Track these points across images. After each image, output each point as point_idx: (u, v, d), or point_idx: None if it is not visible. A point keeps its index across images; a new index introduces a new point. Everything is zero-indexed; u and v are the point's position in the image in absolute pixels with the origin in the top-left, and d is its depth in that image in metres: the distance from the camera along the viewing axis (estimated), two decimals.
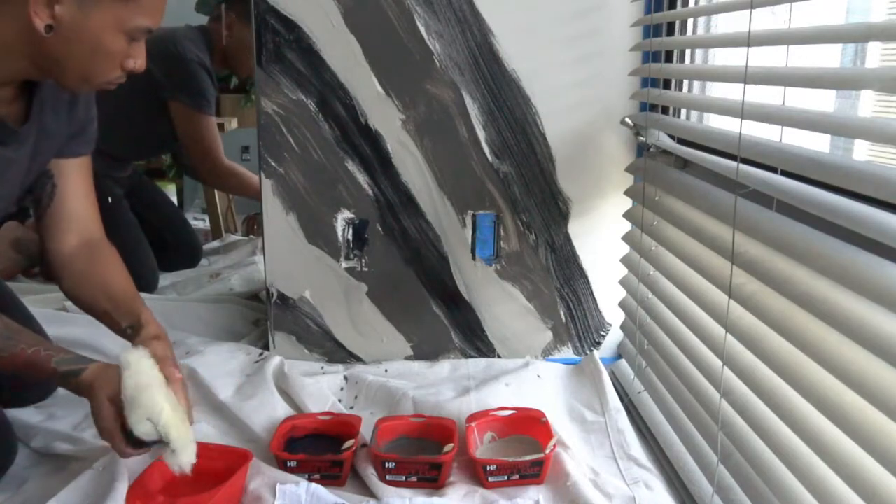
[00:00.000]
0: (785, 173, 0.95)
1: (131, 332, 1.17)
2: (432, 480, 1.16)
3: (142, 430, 1.00)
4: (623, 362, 1.58)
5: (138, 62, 1.08)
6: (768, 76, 0.95)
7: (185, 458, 1.03)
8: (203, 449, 1.19)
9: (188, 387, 1.16)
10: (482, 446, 1.25)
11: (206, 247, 2.52)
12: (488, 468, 1.15)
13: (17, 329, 1.08)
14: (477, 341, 1.60)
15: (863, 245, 0.80)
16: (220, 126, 2.93)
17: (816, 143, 1.03)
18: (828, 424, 0.82)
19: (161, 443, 1.02)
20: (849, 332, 0.78)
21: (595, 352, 1.58)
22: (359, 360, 1.59)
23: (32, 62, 1.03)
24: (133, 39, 1.06)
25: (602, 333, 1.62)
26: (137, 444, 1.02)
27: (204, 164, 2.16)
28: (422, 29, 1.43)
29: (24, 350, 1.04)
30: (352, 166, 1.50)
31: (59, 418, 1.32)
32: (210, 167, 2.16)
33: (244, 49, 2.09)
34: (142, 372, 1.02)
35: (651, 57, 1.41)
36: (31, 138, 1.13)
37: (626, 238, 1.50)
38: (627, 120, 1.46)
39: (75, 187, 1.24)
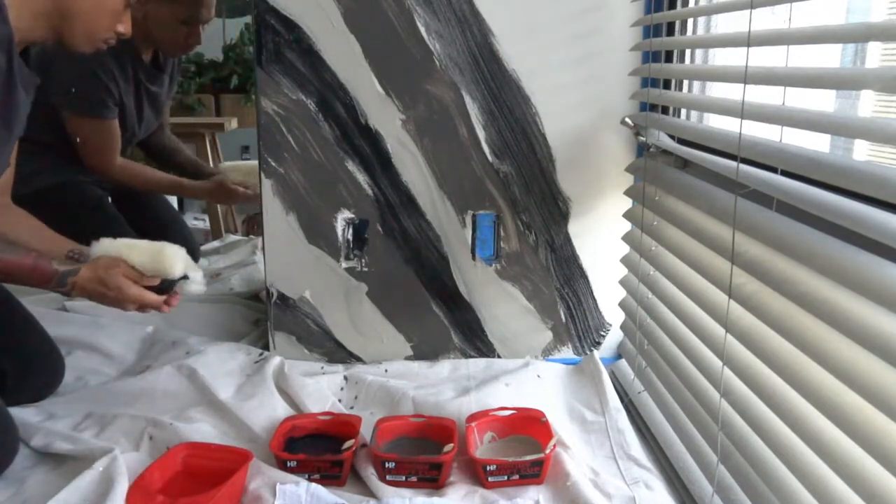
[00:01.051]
0: (785, 173, 0.95)
1: (76, 256, 1.28)
2: (432, 480, 1.16)
3: (178, 270, 1.24)
4: (623, 362, 1.59)
5: (126, 27, 1.25)
6: (768, 76, 0.95)
7: (200, 278, 1.30)
8: (203, 449, 1.19)
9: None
10: (482, 446, 1.25)
11: (206, 247, 2.52)
12: (488, 468, 1.15)
13: (13, 240, 1.21)
14: (477, 341, 1.60)
15: (863, 245, 0.80)
16: (220, 126, 2.94)
17: (816, 143, 1.02)
18: (828, 424, 0.82)
19: (179, 281, 1.26)
20: (849, 332, 0.78)
21: (595, 352, 1.58)
22: (359, 360, 1.59)
23: (49, 21, 1.18)
24: (128, 4, 1.23)
25: (602, 333, 1.62)
26: (161, 292, 1.25)
27: (94, 165, 1.99)
28: (422, 29, 1.43)
29: (28, 255, 1.18)
30: (352, 166, 1.50)
31: (59, 418, 1.32)
32: (101, 168, 1.99)
33: (164, 28, 1.91)
34: (135, 242, 1.26)
35: (651, 57, 1.41)
36: (33, 94, 1.25)
37: (626, 238, 1.50)
38: (627, 120, 1.46)
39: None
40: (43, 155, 1.91)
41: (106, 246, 1.26)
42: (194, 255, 2.30)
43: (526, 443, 1.25)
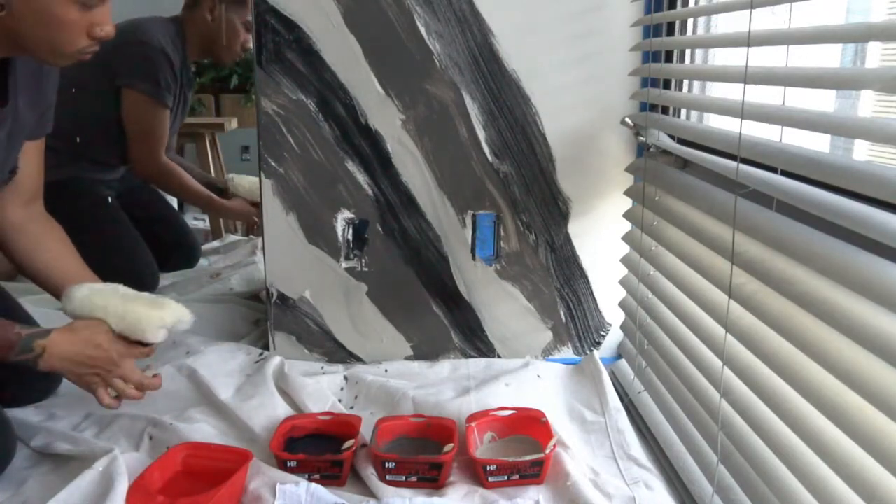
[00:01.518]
0: (785, 173, 0.95)
1: None
2: (432, 480, 1.16)
3: (160, 336, 1.22)
4: (623, 362, 1.59)
5: (105, 28, 1.10)
6: (768, 76, 0.95)
7: (188, 317, 1.26)
8: (203, 449, 1.19)
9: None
10: (482, 446, 1.25)
11: (206, 247, 2.52)
12: (488, 468, 1.15)
13: None
14: (477, 341, 1.60)
15: (863, 245, 0.80)
16: (220, 126, 2.94)
17: (816, 143, 1.03)
18: (828, 424, 0.82)
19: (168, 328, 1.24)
20: (849, 332, 0.78)
21: (595, 352, 1.58)
22: (359, 360, 1.59)
23: (6, 39, 1.07)
24: (86, 5, 1.07)
25: (602, 333, 1.62)
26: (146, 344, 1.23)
27: (141, 155, 2.05)
28: (422, 29, 1.43)
29: None
30: (352, 166, 1.50)
31: (59, 418, 1.32)
32: (147, 159, 2.06)
33: (229, 34, 2.04)
34: (111, 302, 1.21)
35: (651, 57, 1.41)
36: (9, 119, 1.16)
37: (626, 238, 1.50)
38: (627, 120, 1.46)
39: (31, 162, 1.30)
40: (48, 150, 1.92)
41: (82, 298, 1.21)
42: (195, 254, 2.32)
43: (526, 443, 1.25)
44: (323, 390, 1.41)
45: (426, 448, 1.22)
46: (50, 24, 1.05)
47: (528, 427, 1.27)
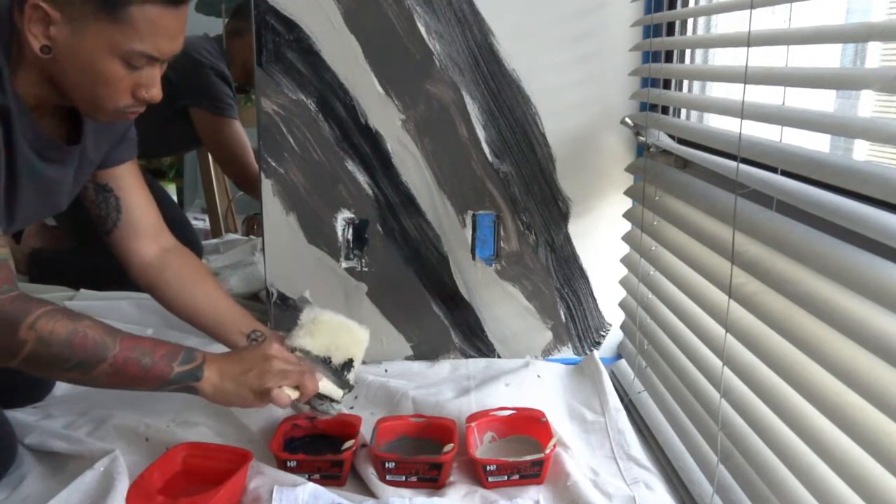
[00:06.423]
0: (785, 173, 0.95)
1: (257, 338, 1.24)
2: (432, 480, 1.16)
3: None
4: (623, 362, 1.59)
5: (151, 92, 1.05)
6: (768, 76, 0.95)
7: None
8: (203, 449, 1.19)
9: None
10: (482, 446, 1.25)
11: (206, 245, 2.52)
12: (488, 468, 1.15)
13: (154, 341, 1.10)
14: (477, 341, 1.60)
15: (863, 245, 0.80)
16: None
17: (816, 143, 1.02)
18: (828, 424, 0.82)
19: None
20: (849, 332, 0.78)
21: (595, 352, 1.58)
22: None
23: (52, 88, 1.03)
24: (132, 66, 1.01)
25: (602, 333, 1.61)
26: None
27: (232, 170, 2.12)
28: (422, 29, 1.43)
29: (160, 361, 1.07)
30: (352, 166, 1.50)
31: (55, 418, 1.32)
32: (239, 173, 2.11)
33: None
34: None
35: (651, 57, 1.41)
36: (76, 158, 1.13)
37: (626, 238, 1.50)
38: (627, 120, 1.46)
39: (136, 194, 1.26)
40: None
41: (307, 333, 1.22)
42: (197, 254, 2.32)
43: (526, 443, 1.25)
44: None
45: (426, 448, 1.22)
46: (92, 77, 1.00)
47: (528, 427, 1.27)
